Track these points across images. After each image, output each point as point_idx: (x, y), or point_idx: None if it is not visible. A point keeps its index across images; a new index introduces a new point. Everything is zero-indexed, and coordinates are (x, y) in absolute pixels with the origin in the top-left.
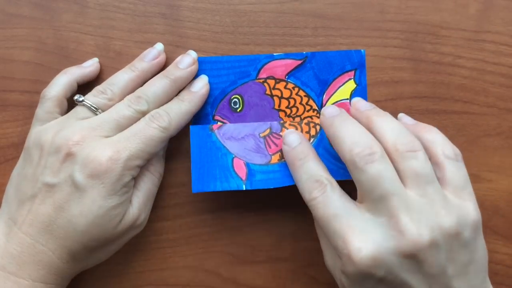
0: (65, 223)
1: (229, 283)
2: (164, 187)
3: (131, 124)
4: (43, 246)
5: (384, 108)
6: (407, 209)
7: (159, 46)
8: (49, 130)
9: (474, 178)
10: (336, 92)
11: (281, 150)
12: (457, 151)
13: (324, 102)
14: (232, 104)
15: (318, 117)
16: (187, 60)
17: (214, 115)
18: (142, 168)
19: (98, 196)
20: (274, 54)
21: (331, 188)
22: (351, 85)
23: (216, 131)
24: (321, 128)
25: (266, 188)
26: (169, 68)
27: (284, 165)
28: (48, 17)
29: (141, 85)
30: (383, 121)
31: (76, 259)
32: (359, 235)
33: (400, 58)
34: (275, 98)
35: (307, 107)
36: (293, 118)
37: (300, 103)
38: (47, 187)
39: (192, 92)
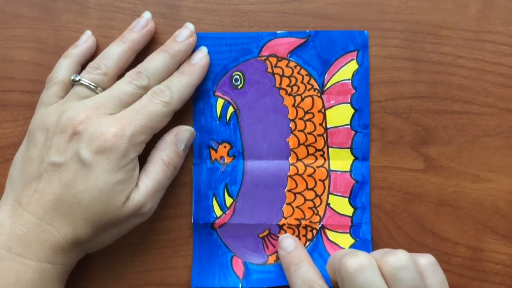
0: (71, 200)
1: None
2: None
3: (134, 101)
4: (49, 225)
5: (384, 108)
6: None
7: (147, 15)
8: (52, 112)
9: (474, 178)
10: (338, 72)
11: (277, 251)
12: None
13: (325, 82)
14: (233, 81)
15: (319, 96)
16: (184, 33)
17: (215, 91)
18: (157, 157)
19: (104, 171)
20: (277, 32)
21: None
22: (353, 66)
23: (217, 229)
24: (317, 232)
25: (261, 287)
26: (168, 42)
27: (280, 266)
28: (48, 17)
29: (134, 56)
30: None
31: (79, 239)
32: None
33: (400, 58)
34: (276, 76)
35: (308, 86)
36: (294, 96)
37: (301, 81)
38: (53, 166)
39: (192, 64)
